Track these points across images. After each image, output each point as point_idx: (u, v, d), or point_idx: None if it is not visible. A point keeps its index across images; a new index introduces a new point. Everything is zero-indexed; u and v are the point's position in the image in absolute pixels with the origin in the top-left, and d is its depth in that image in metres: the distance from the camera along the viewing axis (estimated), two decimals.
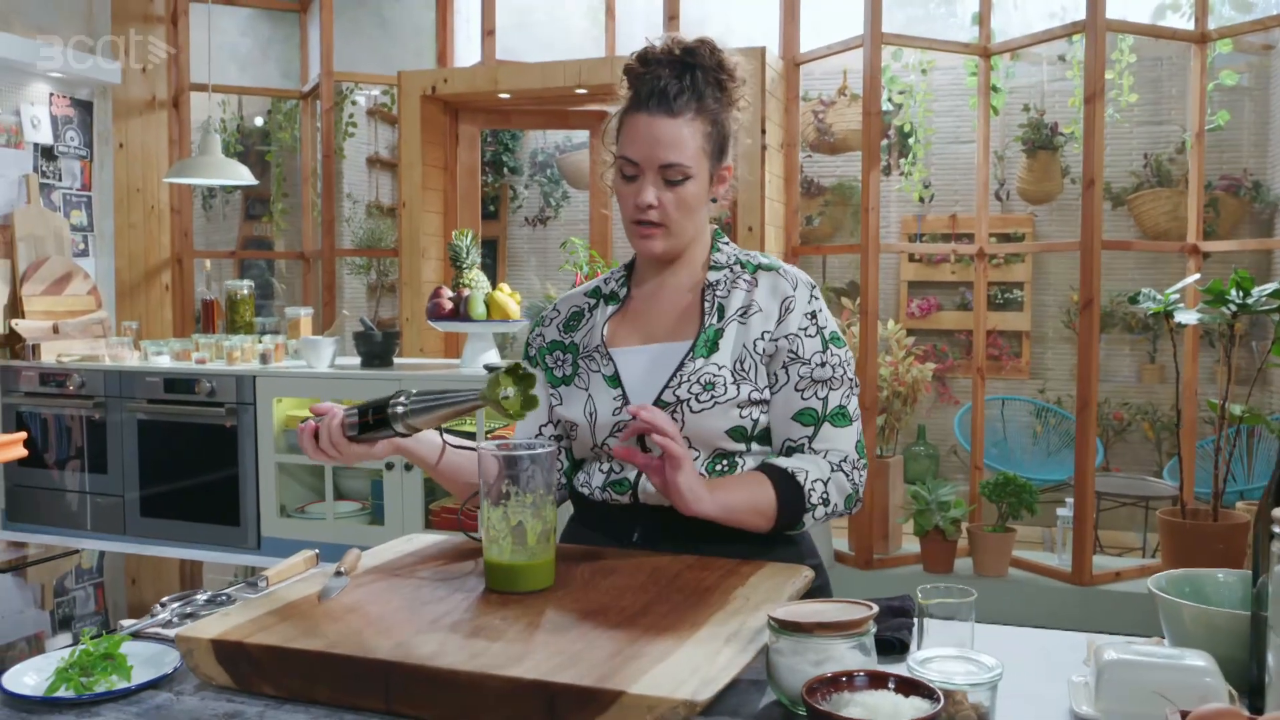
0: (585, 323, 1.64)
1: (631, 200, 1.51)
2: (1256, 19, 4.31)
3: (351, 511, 3.73)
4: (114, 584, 1.68)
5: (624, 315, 1.62)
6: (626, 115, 1.51)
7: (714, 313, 1.54)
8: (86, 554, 1.76)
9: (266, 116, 6.27)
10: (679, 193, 1.49)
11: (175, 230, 5.39)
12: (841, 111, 6.06)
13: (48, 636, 1.42)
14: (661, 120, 1.47)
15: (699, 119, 1.49)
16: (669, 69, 1.49)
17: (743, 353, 1.51)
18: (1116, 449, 6.38)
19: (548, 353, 1.65)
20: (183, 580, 1.66)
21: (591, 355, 1.59)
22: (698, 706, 0.97)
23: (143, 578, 1.71)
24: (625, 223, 1.54)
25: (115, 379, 3.91)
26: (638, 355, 1.56)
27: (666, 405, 1.48)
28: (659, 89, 1.47)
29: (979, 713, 1.02)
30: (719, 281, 1.56)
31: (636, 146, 1.48)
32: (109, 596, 1.62)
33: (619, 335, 1.60)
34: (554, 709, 0.99)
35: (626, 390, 1.53)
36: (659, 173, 1.48)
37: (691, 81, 1.48)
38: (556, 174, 7.69)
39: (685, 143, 1.48)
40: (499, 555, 1.28)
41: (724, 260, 1.59)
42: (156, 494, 3.91)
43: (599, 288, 1.68)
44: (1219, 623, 1.12)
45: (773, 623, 1.08)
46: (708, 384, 1.48)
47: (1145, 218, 6.17)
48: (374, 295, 6.67)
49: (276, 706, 1.08)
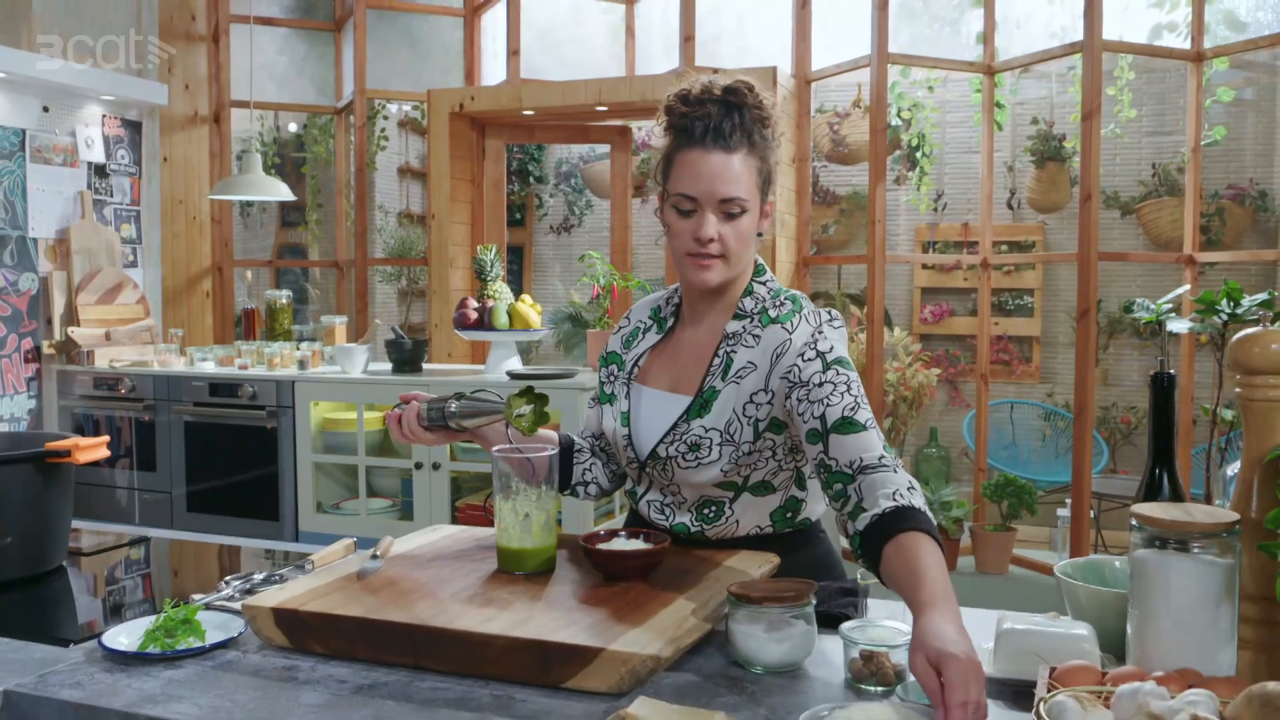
0: (637, 343, 1.74)
1: (690, 234, 1.55)
2: (1249, 39, 4.47)
3: (383, 508, 3.98)
4: (184, 566, 1.93)
5: (663, 349, 1.71)
6: (678, 153, 1.56)
7: (719, 372, 1.60)
8: (155, 541, 2.02)
9: (302, 130, 6.56)
10: (737, 225, 1.54)
11: (216, 240, 5.67)
12: (856, 123, 6.25)
13: (133, 606, 1.67)
14: (719, 156, 1.52)
15: (751, 155, 1.55)
16: (717, 108, 1.53)
17: (732, 416, 1.57)
18: (1124, 452, 6.53)
19: (605, 364, 1.79)
20: (232, 564, 1.90)
21: (625, 382, 1.72)
22: (663, 661, 1.20)
23: (206, 561, 1.95)
24: (678, 255, 1.57)
25: (164, 383, 4.19)
26: (655, 400, 1.67)
27: (659, 459, 1.63)
28: (713, 126, 1.52)
29: (896, 671, 1.24)
30: (736, 334, 1.61)
31: (695, 182, 1.53)
32: (180, 576, 1.88)
33: (651, 371, 1.70)
34: (548, 663, 1.22)
35: (634, 433, 1.67)
36: (719, 207, 1.53)
37: (740, 120, 1.54)
38: (580, 183, 7.92)
39: (741, 177, 1.53)
40: (508, 541, 1.52)
41: (750, 307, 1.63)
42: (202, 490, 4.18)
43: (659, 308, 1.75)
44: (1106, 600, 1.33)
45: (730, 595, 1.31)
46: (694, 445, 1.58)
47: (1152, 226, 6.33)
48: (404, 301, 6.93)
49: (325, 662, 1.32)
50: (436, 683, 1.25)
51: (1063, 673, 1.12)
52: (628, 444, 1.68)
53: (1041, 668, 1.15)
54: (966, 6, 4.91)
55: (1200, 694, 0.91)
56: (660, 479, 1.67)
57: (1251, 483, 1.20)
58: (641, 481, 1.72)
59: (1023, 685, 1.21)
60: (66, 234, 4.44)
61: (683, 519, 1.66)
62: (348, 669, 1.30)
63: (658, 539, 1.52)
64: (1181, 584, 1.13)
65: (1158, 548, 1.14)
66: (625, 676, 1.18)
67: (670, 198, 1.57)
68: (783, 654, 1.28)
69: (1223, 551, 1.12)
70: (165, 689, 1.24)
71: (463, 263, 5.33)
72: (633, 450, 1.68)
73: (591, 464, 1.83)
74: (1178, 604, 1.13)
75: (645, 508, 1.71)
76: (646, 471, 1.68)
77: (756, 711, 1.17)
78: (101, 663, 1.34)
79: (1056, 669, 1.13)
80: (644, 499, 1.71)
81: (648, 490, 1.71)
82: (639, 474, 1.70)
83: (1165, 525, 1.13)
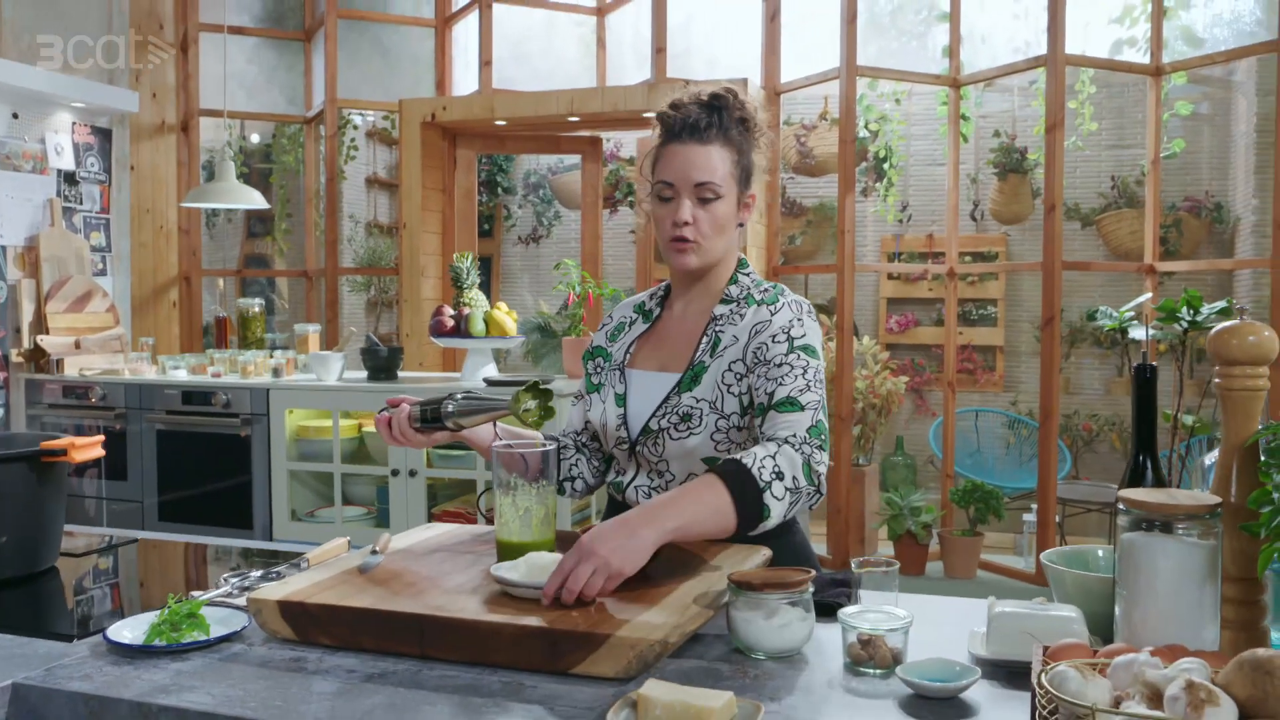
0: (624, 335, 1.84)
1: (669, 219, 1.68)
2: (1206, 54, 4.60)
3: (358, 516, 3.98)
4: (176, 566, 1.94)
5: (650, 336, 1.81)
6: (662, 148, 1.71)
7: (708, 350, 1.71)
8: (145, 542, 2.02)
9: (271, 139, 6.54)
10: (711, 210, 1.67)
11: (183, 250, 5.64)
12: (823, 135, 6.35)
13: (131, 603, 1.67)
14: (693, 146, 1.67)
15: (726, 147, 1.68)
16: (698, 108, 1.68)
17: (718, 388, 1.68)
18: (1085, 459, 6.66)
19: (591, 358, 1.87)
20: (224, 564, 1.91)
21: (616, 369, 1.80)
22: (670, 646, 1.23)
23: (197, 561, 1.96)
24: (663, 243, 1.71)
25: (135, 391, 4.16)
26: (647, 380, 1.75)
27: (651, 433, 1.71)
28: (690, 123, 1.67)
29: (895, 655, 1.28)
30: (723, 316, 1.73)
31: (672, 170, 1.67)
32: (174, 575, 1.88)
33: (641, 355, 1.79)
34: (556, 649, 1.24)
35: (628, 411, 1.75)
36: (693, 192, 1.66)
37: (719, 119, 1.68)
38: (549, 194, 7.96)
39: (715, 165, 1.66)
40: (509, 535, 1.54)
41: (736, 293, 1.75)
42: (173, 499, 4.15)
43: (644, 303, 1.87)
44: (1091, 585, 1.38)
45: (731, 583, 1.34)
46: (685, 416, 1.67)
47: (1112, 237, 6.48)
48: (373, 312, 6.92)
49: (331, 653, 1.34)
50: (445, 671, 1.28)
51: (1056, 650, 1.16)
52: (621, 423, 1.74)
53: (1035, 646, 1.19)
54: (933, 21, 5.01)
55: (1194, 662, 0.96)
56: (651, 456, 1.72)
57: (1231, 468, 1.25)
58: (629, 466, 1.77)
59: (1015, 666, 1.26)
60: (35, 241, 4.41)
61: None
62: (355, 659, 1.32)
63: None
64: (1167, 564, 1.18)
65: (1144, 530, 1.19)
66: (633, 661, 1.21)
67: (654, 187, 1.71)
68: (782, 640, 1.31)
69: (1205, 533, 1.18)
70: (175, 680, 1.26)
71: (434, 272, 5.34)
72: (626, 429, 1.74)
73: (576, 459, 1.88)
74: (1164, 583, 1.18)
75: (634, 494, 1.75)
76: (638, 451, 1.73)
77: (760, 694, 1.21)
78: (107, 656, 1.34)
79: (1050, 647, 1.17)
80: (632, 484, 1.76)
81: (635, 475, 1.76)
82: (629, 455, 1.75)
83: (1152, 508, 1.18)
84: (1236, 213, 6.29)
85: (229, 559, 1.95)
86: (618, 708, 1.12)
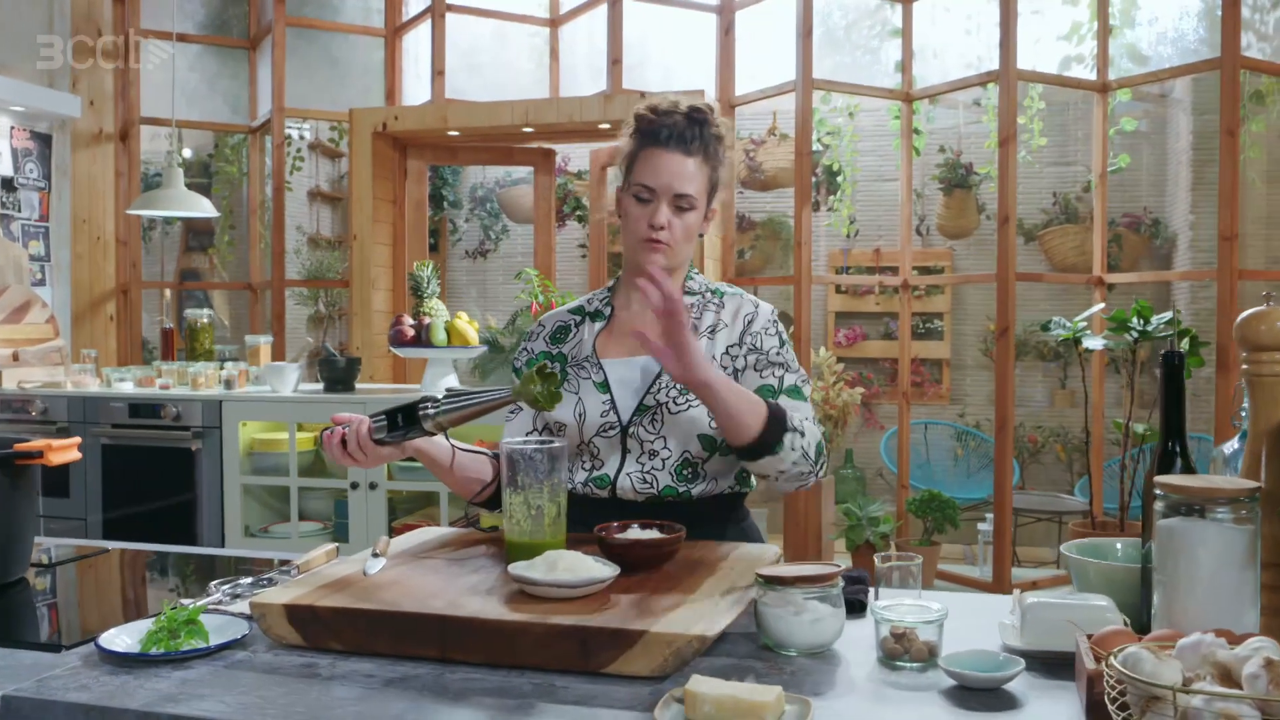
0: (573, 336, 1.87)
1: (645, 221, 1.74)
2: (1151, 71, 4.72)
3: (314, 531, 3.87)
4: (153, 574, 1.84)
5: (610, 331, 1.85)
6: (643, 150, 1.76)
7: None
8: (119, 552, 1.93)
9: (214, 149, 6.39)
10: (685, 219, 1.75)
11: (122, 261, 5.47)
12: (771, 150, 6.38)
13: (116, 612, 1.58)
14: (678, 156, 1.73)
15: (705, 163, 1.76)
16: (683, 119, 1.74)
17: (712, 363, 1.73)
18: (1031, 470, 6.76)
19: (535, 364, 1.85)
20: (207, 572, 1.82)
21: (582, 365, 1.81)
22: (709, 640, 1.20)
23: (180, 569, 1.87)
24: (633, 240, 1.77)
25: (79, 404, 4.00)
26: (624, 366, 1.79)
27: (649, 408, 1.72)
28: (678, 133, 1.73)
29: (930, 648, 1.25)
30: (693, 305, 1.82)
31: (655, 176, 1.73)
32: (154, 584, 1.79)
33: (607, 348, 1.83)
34: (587, 649, 1.20)
35: (614, 396, 1.76)
36: (672, 200, 1.73)
37: (701, 133, 1.75)
38: (496, 208, 7.89)
39: (695, 179, 1.74)
40: (519, 535, 1.49)
41: (696, 288, 1.85)
42: (120, 516, 4.00)
43: (582, 307, 1.91)
44: (1117, 575, 1.37)
45: (759, 578, 1.31)
46: (684, 389, 1.71)
47: (1055, 252, 6.60)
48: (319, 325, 6.78)
49: (344, 658, 1.28)
50: (468, 674, 1.22)
51: (1101, 638, 1.14)
52: (610, 409, 1.74)
53: (1079, 635, 1.17)
54: (886, 36, 5.06)
55: (1264, 641, 0.95)
56: (647, 435, 1.72)
57: (1260, 454, 1.25)
58: (613, 455, 1.75)
59: (1051, 657, 1.24)
60: None
61: (666, 482, 1.73)
62: (371, 664, 1.26)
63: (672, 529, 1.52)
64: (1207, 550, 1.17)
65: (1183, 515, 1.18)
66: (669, 658, 1.17)
67: (631, 187, 1.76)
68: (815, 635, 1.28)
69: (1245, 518, 1.17)
70: (182, 689, 1.18)
71: (385, 284, 5.24)
72: (615, 413, 1.74)
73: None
74: (1204, 569, 1.17)
75: (626, 482, 1.73)
76: (630, 434, 1.73)
77: (801, 690, 1.17)
78: (102, 665, 1.27)
79: (1094, 635, 1.16)
80: (622, 473, 1.74)
81: (624, 463, 1.74)
82: (618, 442, 1.73)
83: (1193, 493, 1.17)
84: (1174, 228, 6.45)
85: (207, 568, 1.86)
86: (664, 704, 1.08)
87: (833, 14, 5.29)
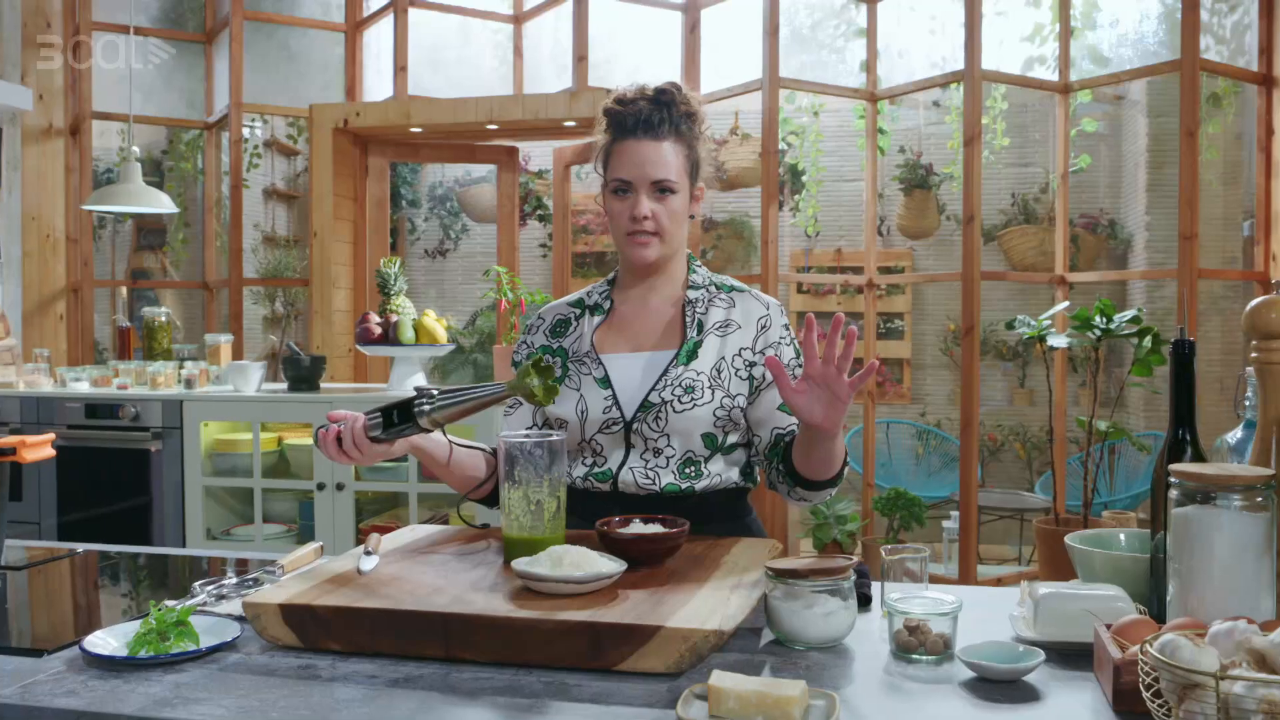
0: (572, 330, 1.83)
1: (627, 214, 1.71)
2: (1111, 73, 4.77)
3: (278, 534, 3.79)
4: (125, 576, 1.78)
5: (610, 325, 1.81)
6: (615, 144, 1.74)
7: (694, 326, 1.75)
8: (89, 553, 1.86)
9: (167, 145, 6.26)
10: (668, 204, 1.71)
11: (74, 260, 5.33)
12: (734, 150, 6.37)
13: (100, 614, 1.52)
14: (648, 143, 1.70)
15: (679, 143, 1.73)
16: (648, 104, 1.71)
17: (720, 363, 1.72)
18: (991, 468, 6.82)
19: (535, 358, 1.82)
20: (183, 572, 1.76)
21: (582, 360, 1.77)
22: (725, 635, 1.17)
23: (155, 570, 1.81)
24: (619, 235, 1.75)
25: (33, 405, 3.89)
26: (626, 361, 1.75)
27: (652, 406, 1.69)
28: (644, 119, 1.70)
29: (944, 640, 1.24)
30: (698, 299, 1.78)
31: (629, 168, 1.70)
32: (132, 585, 1.72)
33: (607, 342, 1.79)
34: (599, 645, 1.16)
35: (616, 391, 1.72)
36: (650, 188, 1.70)
37: (669, 114, 1.72)
38: (456, 207, 7.81)
39: (670, 162, 1.71)
40: (518, 531, 1.45)
41: (700, 281, 1.81)
42: (76, 520, 3.88)
43: (582, 299, 1.87)
44: (1125, 565, 1.37)
45: (769, 572, 1.28)
46: (688, 388, 1.69)
47: (1014, 252, 6.66)
48: (276, 325, 6.67)
49: (343, 659, 1.23)
50: (476, 672, 1.18)
51: (1122, 628, 1.13)
52: (612, 404, 1.70)
53: (1097, 624, 1.16)
54: (851, 35, 5.08)
55: None
56: (651, 432, 1.69)
57: (1271, 442, 1.25)
58: (617, 450, 1.72)
59: (1067, 647, 1.23)
60: None
61: (669, 479, 1.70)
62: (372, 664, 1.21)
63: (674, 523, 1.49)
64: (1222, 537, 1.17)
65: (1199, 502, 1.18)
66: (685, 654, 1.14)
67: (610, 183, 1.74)
68: (827, 629, 1.26)
69: (1260, 505, 1.17)
70: (176, 693, 1.13)
71: (345, 282, 5.16)
72: (618, 409, 1.71)
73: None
74: (1220, 556, 1.17)
75: (629, 475, 1.70)
76: (633, 430, 1.70)
77: (819, 684, 1.15)
78: (89, 670, 1.21)
79: (1114, 625, 1.15)
80: (625, 467, 1.71)
81: (627, 458, 1.72)
82: (621, 438, 1.70)
83: (1209, 480, 1.17)
84: (1130, 229, 6.54)
85: (186, 569, 1.80)
86: (686, 700, 1.05)
87: (798, 13, 5.30)
